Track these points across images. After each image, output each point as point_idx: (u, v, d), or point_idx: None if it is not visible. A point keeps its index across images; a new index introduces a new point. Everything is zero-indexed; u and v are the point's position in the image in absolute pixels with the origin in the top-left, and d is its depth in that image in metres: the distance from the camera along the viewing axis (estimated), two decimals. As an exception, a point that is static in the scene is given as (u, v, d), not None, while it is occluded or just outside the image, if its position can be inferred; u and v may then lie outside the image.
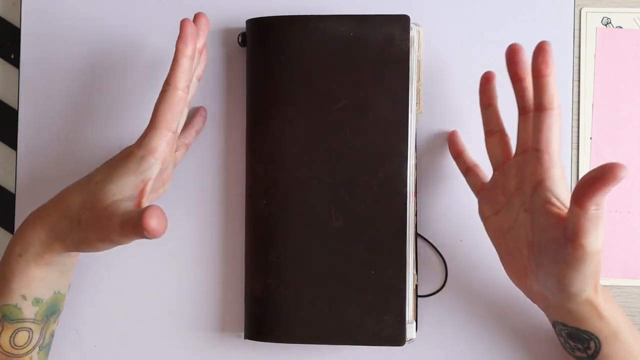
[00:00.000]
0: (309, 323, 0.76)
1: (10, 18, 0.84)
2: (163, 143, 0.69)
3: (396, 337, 0.76)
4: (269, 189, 0.77)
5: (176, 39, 0.71)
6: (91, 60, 0.82)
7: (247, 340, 0.79)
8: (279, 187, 0.77)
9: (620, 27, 0.81)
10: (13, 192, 0.82)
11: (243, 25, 0.81)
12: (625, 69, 0.80)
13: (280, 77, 0.77)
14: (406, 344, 0.76)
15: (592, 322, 0.69)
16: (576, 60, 0.81)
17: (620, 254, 0.80)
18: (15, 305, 0.73)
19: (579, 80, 0.81)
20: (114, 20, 0.82)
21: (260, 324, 0.77)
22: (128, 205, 0.67)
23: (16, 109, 0.83)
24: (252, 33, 0.78)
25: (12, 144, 0.83)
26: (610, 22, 0.81)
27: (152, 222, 0.62)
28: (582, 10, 0.81)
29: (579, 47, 0.81)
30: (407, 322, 0.76)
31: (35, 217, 0.72)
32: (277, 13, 0.80)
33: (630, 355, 0.70)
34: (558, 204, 0.67)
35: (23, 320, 0.73)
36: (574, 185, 0.80)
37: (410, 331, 0.77)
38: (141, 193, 0.69)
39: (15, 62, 0.83)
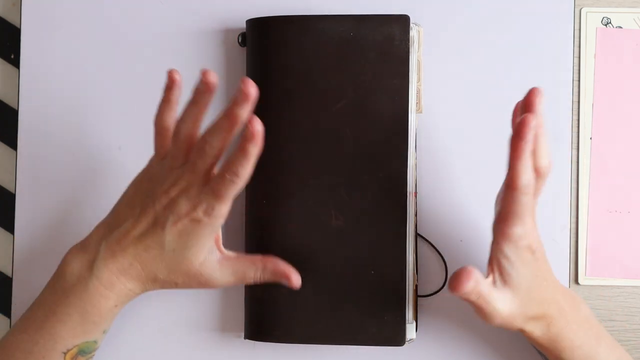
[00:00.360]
0: (309, 323, 0.76)
1: (10, 18, 0.84)
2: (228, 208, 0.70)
3: (396, 337, 0.76)
4: (268, 189, 0.77)
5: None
6: (91, 60, 0.82)
7: (247, 340, 0.79)
8: (279, 187, 0.77)
9: (620, 27, 0.81)
10: (13, 192, 0.82)
11: (243, 25, 0.81)
12: (625, 69, 0.80)
13: (280, 77, 0.77)
14: (406, 344, 0.76)
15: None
16: (576, 60, 0.81)
17: (620, 254, 0.80)
18: (95, 341, 0.74)
19: (579, 80, 0.81)
20: (114, 21, 0.82)
21: (260, 324, 0.77)
22: (214, 257, 0.71)
23: (16, 109, 0.83)
24: (252, 33, 0.78)
25: (12, 144, 0.83)
26: (610, 22, 0.81)
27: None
28: (582, 10, 0.81)
29: (579, 47, 0.81)
30: (407, 322, 0.76)
31: (124, 274, 0.72)
32: (277, 13, 0.80)
33: None
34: None
35: (95, 349, 0.75)
36: (574, 193, 0.80)
37: (410, 331, 0.77)
38: (217, 241, 0.72)
39: (15, 62, 0.83)
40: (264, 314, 0.77)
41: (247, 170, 0.67)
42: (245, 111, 0.67)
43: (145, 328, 0.81)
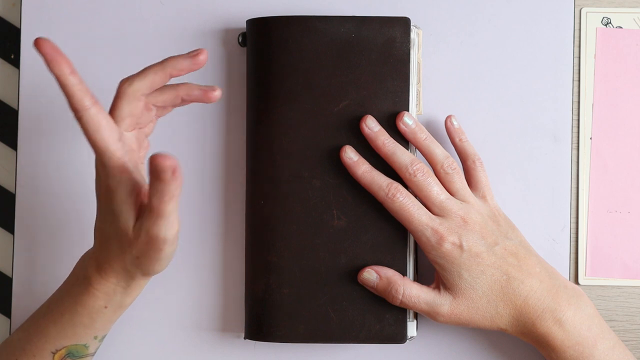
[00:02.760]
0: (310, 322, 0.76)
1: (10, 18, 0.84)
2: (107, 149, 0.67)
3: (398, 335, 0.76)
4: (269, 189, 0.77)
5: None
6: (91, 60, 0.82)
7: (247, 340, 0.79)
8: (280, 187, 0.77)
9: (620, 27, 0.81)
10: (13, 192, 0.82)
11: (243, 25, 0.81)
12: (625, 69, 0.80)
13: (281, 78, 0.77)
14: (407, 342, 0.76)
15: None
16: (576, 60, 0.81)
17: (620, 254, 0.80)
18: (85, 345, 0.73)
19: (579, 80, 0.81)
20: (114, 21, 0.82)
21: (261, 324, 0.77)
22: (130, 214, 0.67)
23: (16, 109, 0.83)
24: (253, 33, 0.78)
25: (12, 144, 0.83)
26: (610, 22, 0.81)
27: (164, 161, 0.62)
28: (582, 10, 0.81)
29: (579, 47, 0.81)
30: (408, 320, 0.76)
31: (101, 269, 0.70)
32: (278, 13, 0.80)
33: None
34: None
35: (86, 355, 0.74)
36: (574, 193, 0.80)
37: (411, 329, 0.77)
38: (138, 195, 0.68)
39: (15, 62, 0.83)
40: (264, 314, 0.77)
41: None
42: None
43: (145, 328, 0.81)
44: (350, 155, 0.75)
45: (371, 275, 0.75)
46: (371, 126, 0.75)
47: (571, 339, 0.72)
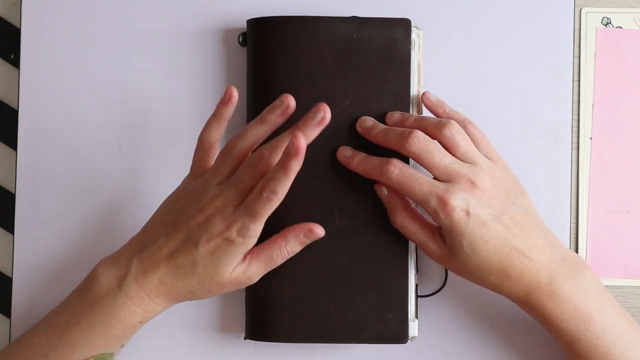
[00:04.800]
0: (312, 322, 0.76)
1: (10, 18, 0.83)
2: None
3: (399, 335, 0.76)
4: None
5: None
6: (91, 60, 0.82)
7: (247, 340, 0.79)
8: (280, 188, 0.77)
9: (620, 27, 0.81)
10: (13, 192, 0.82)
11: (244, 25, 0.81)
12: (625, 69, 0.80)
13: (281, 78, 0.77)
14: (408, 342, 0.76)
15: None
16: (576, 60, 0.81)
17: (620, 254, 0.80)
18: (111, 354, 0.74)
19: (579, 80, 0.81)
20: (114, 21, 0.82)
21: (261, 324, 0.77)
22: (244, 263, 0.71)
23: (16, 109, 0.83)
24: (253, 33, 0.78)
25: (12, 144, 0.83)
26: (610, 22, 0.81)
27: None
28: (582, 11, 0.81)
29: (579, 47, 0.81)
30: (409, 320, 0.76)
31: (150, 289, 0.71)
32: (278, 13, 0.80)
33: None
34: None
35: None
36: (574, 193, 0.80)
37: (413, 329, 0.77)
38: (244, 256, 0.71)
39: (15, 62, 0.83)
40: (264, 314, 0.77)
41: (285, 187, 0.66)
42: (311, 136, 0.68)
43: (145, 328, 0.81)
44: (344, 153, 0.75)
45: (382, 190, 0.75)
46: (364, 124, 0.75)
47: (565, 312, 0.71)
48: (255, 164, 0.68)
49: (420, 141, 0.71)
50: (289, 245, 0.72)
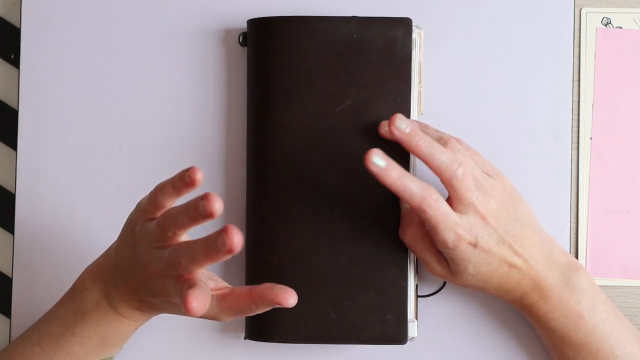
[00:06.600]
0: (311, 323, 0.76)
1: (10, 18, 0.83)
2: None
3: (399, 336, 0.76)
4: (270, 189, 0.77)
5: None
6: (91, 60, 0.82)
7: (247, 340, 0.79)
8: (281, 188, 0.76)
9: (620, 27, 0.81)
10: (13, 192, 0.82)
11: (244, 25, 0.81)
12: (625, 69, 0.80)
13: (282, 78, 0.77)
14: (408, 343, 0.76)
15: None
16: (576, 60, 0.81)
17: (620, 254, 0.80)
18: (110, 358, 0.74)
19: (579, 80, 0.81)
20: (114, 21, 0.82)
21: (261, 324, 0.77)
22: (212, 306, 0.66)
23: (16, 109, 0.83)
24: (253, 33, 0.78)
25: (12, 144, 0.83)
26: (610, 22, 0.81)
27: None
28: (582, 11, 0.81)
29: (579, 47, 0.81)
30: (409, 320, 0.76)
31: (141, 304, 0.70)
32: (279, 13, 0.80)
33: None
34: None
35: None
36: (574, 193, 0.80)
37: (412, 330, 0.77)
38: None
39: (15, 62, 0.83)
40: (264, 314, 0.77)
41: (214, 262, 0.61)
42: (225, 257, 0.60)
43: (145, 328, 0.81)
44: (376, 162, 0.68)
45: (403, 205, 0.75)
46: (402, 127, 0.69)
47: (555, 311, 0.73)
48: (174, 262, 0.63)
49: (467, 178, 0.70)
50: (259, 309, 0.67)
